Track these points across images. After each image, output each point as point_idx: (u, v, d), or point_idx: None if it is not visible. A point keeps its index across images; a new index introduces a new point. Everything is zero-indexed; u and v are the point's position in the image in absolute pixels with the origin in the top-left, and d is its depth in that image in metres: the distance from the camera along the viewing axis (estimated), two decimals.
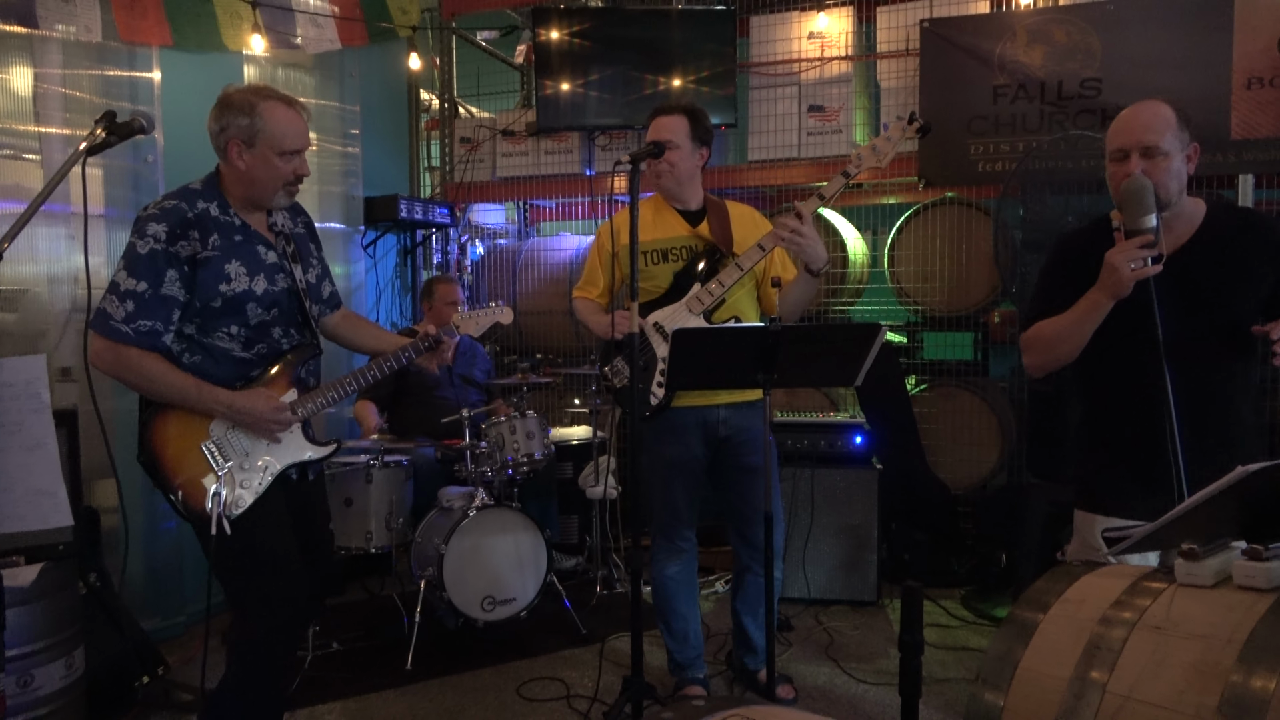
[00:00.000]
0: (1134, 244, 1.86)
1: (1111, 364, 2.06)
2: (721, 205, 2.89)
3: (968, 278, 4.46)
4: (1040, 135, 4.16)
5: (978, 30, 4.29)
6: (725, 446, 2.86)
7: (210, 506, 2.10)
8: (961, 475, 4.50)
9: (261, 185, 2.18)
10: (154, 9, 3.59)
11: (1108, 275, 1.90)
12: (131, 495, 3.58)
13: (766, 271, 2.84)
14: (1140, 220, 1.86)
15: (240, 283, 2.16)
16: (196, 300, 2.12)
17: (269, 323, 2.23)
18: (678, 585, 2.93)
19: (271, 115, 2.14)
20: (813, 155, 4.62)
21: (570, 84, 4.79)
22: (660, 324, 2.81)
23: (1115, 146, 2.00)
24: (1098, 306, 1.95)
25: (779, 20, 4.69)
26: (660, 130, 2.78)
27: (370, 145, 5.00)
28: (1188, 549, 1.23)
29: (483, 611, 3.41)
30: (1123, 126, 2.00)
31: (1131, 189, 1.88)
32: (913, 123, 2.60)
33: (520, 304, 5.22)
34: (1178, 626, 1.16)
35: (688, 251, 2.84)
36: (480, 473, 3.58)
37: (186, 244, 2.09)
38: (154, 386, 2.12)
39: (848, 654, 3.46)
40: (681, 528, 2.92)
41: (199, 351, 2.18)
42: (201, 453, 2.15)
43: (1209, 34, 3.94)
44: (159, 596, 3.66)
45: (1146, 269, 1.85)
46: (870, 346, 2.34)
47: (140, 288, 2.06)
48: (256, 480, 2.19)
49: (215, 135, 2.17)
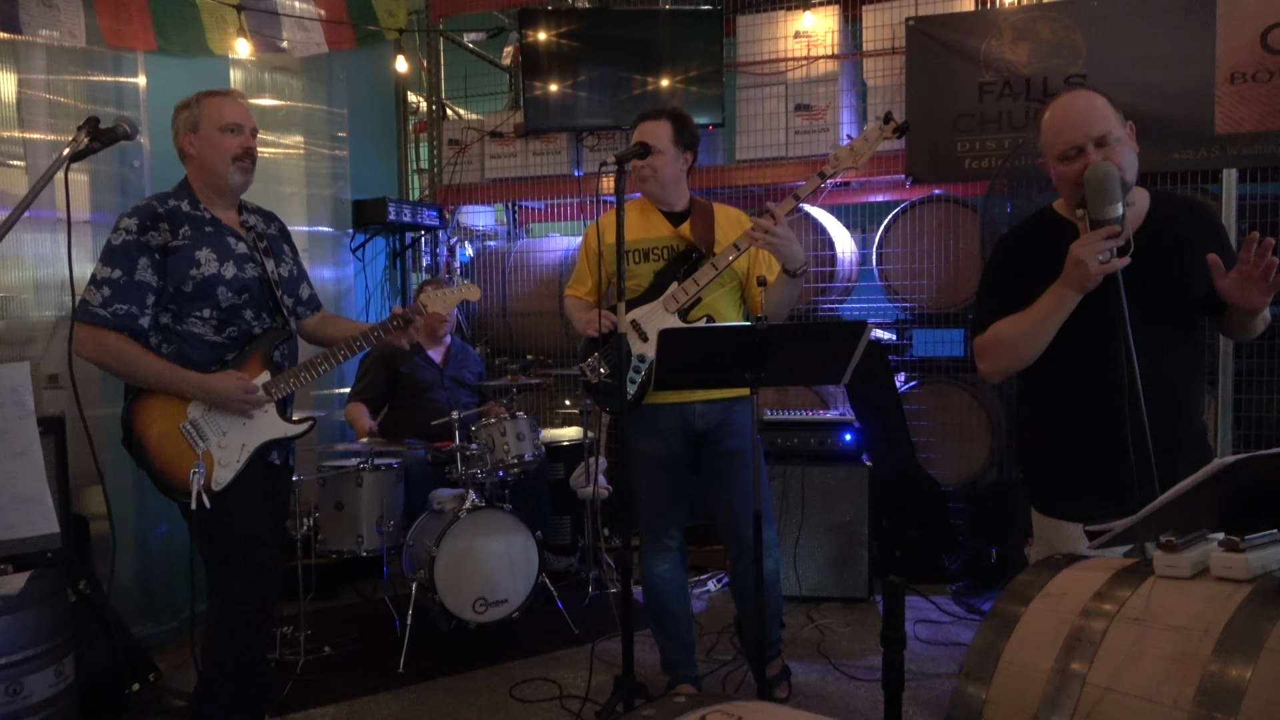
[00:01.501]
0: (1100, 235, 1.77)
1: (1063, 361, 1.96)
2: (707, 207, 2.91)
3: (956, 275, 4.47)
4: (1026, 132, 4.18)
5: (963, 28, 4.31)
6: (705, 439, 2.88)
7: (191, 482, 2.25)
8: (952, 472, 4.52)
9: (213, 163, 2.35)
10: (139, 14, 3.58)
11: (1074, 269, 1.80)
12: (122, 501, 3.58)
13: (750, 272, 2.85)
14: (1106, 209, 1.76)
15: (210, 267, 2.32)
16: (170, 285, 2.29)
17: (240, 306, 2.37)
18: (666, 583, 2.94)
19: (209, 99, 2.37)
20: (800, 154, 4.64)
21: (558, 85, 4.80)
22: (637, 321, 2.84)
23: (1066, 144, 1.89)
24: (1064, 301, 1.85)
25: (765, 20, 4.70)
26: (644, 135, 2.80)
27: (358, 148, 5.00)
28: (1166, 541, 1.24)
29: (475, 613, 3.41)
30: (1066, 124, 1.90)
31: (1097, 177, 1.77)
32: (889, 122, 2.59)
33: (510, 305, 5.23)
34: (1156, 618, 1.17)
35: (669, 251, 2.86)
36: (471, 474, 3.58)
37: (156, 234, 2.28)
38: (131, 370, 2.27)
39: (839, 651, 3.47)
40: (667, 525, 2.93)
41: (175, 340, 2.33)
42: (180, 433, 2.31)
43: (1193, 29, 3.96)
44: (151, 602, 3.65)
45: (1114, 261, 1.77)
46: (857, 344, 2.34)
47: (115, 275, 2.24)
48: (235, 458, 2.35)
49: (173, 141, 2.40)
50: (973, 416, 4.52)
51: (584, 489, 4.04)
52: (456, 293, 2.76)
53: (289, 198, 4.70)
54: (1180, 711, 1.05)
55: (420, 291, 4.31)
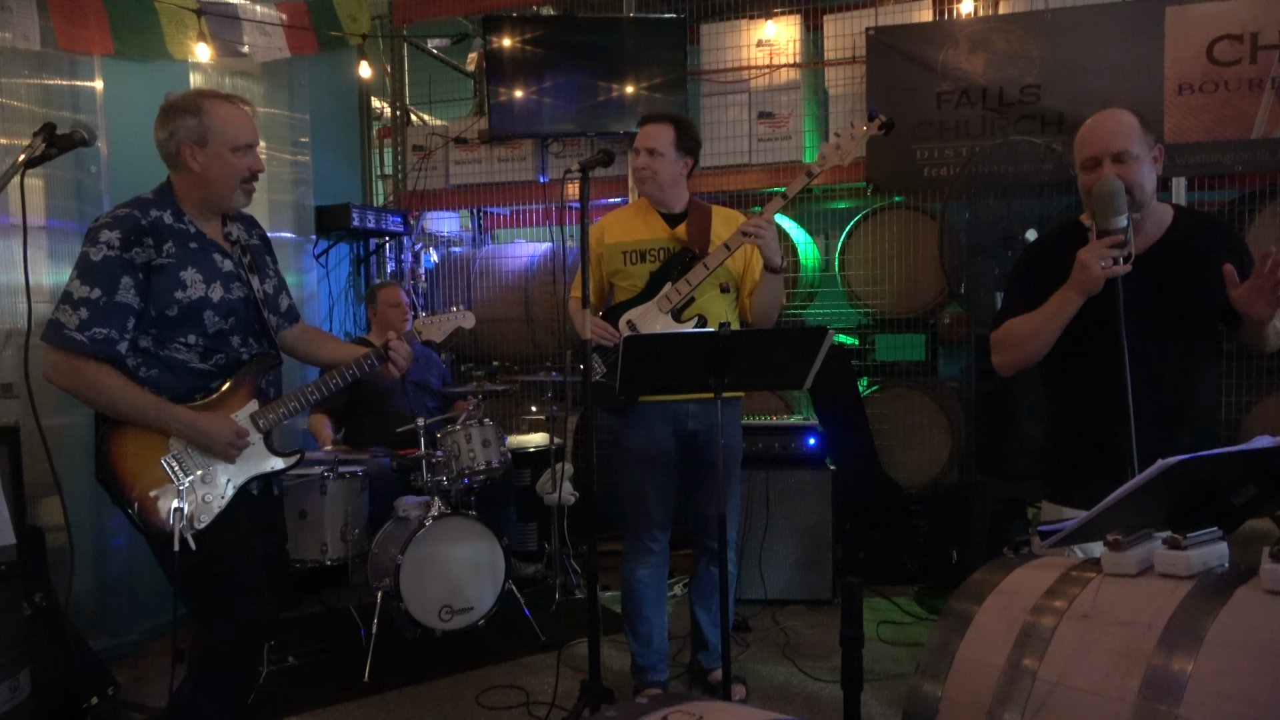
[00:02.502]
0: (1105, 243, 1.94)
1: (1077, 361, 2.12)
2: (705, 209, 2.97)
3: (917, 280, 4.55)
4: (983, 140, 4.27)
5: (921, 38, 4.39)
6: (694, 441, 2.92)
7: (171, 522, 2.07)
8: (914, 474, 4.59)
9: (218, 184, 2.17)
10: (95, 16, 3.53)
11: (1079, 272, 1.97)
12: (79, 512, 3.50)
13: (746, 273, 2.91)
14: (1111, 220, 1.93)
15: (196, 289, 2.13)
16: (152, 308, 2.09)
17: (227, 331, 2.20)
18: (645, 588, 2.96)
19: (218, 112, 2.13)
20: (764, 161, 4.69)
21: (523, 91, 4.80)
22: (633, 321, 2.90)
23: (1087, 155, 2.05)
24: (1068, 303, 2.01)
25: (728, 28, 4.76)
26: (647, 138, 2.87)
27: (321, 154, 4.96)
28: (1113, 540, 1.29)
29: (441, 621, 3.40)
30: (1090, 136, 2.06)
31: (1104, 190, 1.94)
32: (874, 119, 2.66)
33: (476, 311, 5.13)
34: (1103, 614, 1.21)
35: (665, 253, 2.92)
36: (437, 482, 3.57)
37: (141, 250, 2.07)
38: (111, 402, 2.07)
39: (804, 653, 3.51)
40: (652, 527, 2.95)
41: (155, 365, 2.14)
42: (162, 467, 2.12)
43: (1142, 42, 4.08)
44: (109, 615, 3.59)
45: (1116, 268, 1.93)
46: (818, 350, 2.38)
47: (94, 295, 2.02)
48: (219, 493, 2.17)
49: (164, 143, 2.15)
50: (933, 419, 4.60)
51: (550, 495, 4.04)
52: (451, 319, 2.66)
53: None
54: (1125, 704, 1.09)
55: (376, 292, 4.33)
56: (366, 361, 2.39)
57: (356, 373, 2.39)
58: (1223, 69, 4.00)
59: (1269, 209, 4.05)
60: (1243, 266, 2.08)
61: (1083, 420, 2.16)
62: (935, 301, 4.57)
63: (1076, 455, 2.17)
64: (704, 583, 3.03)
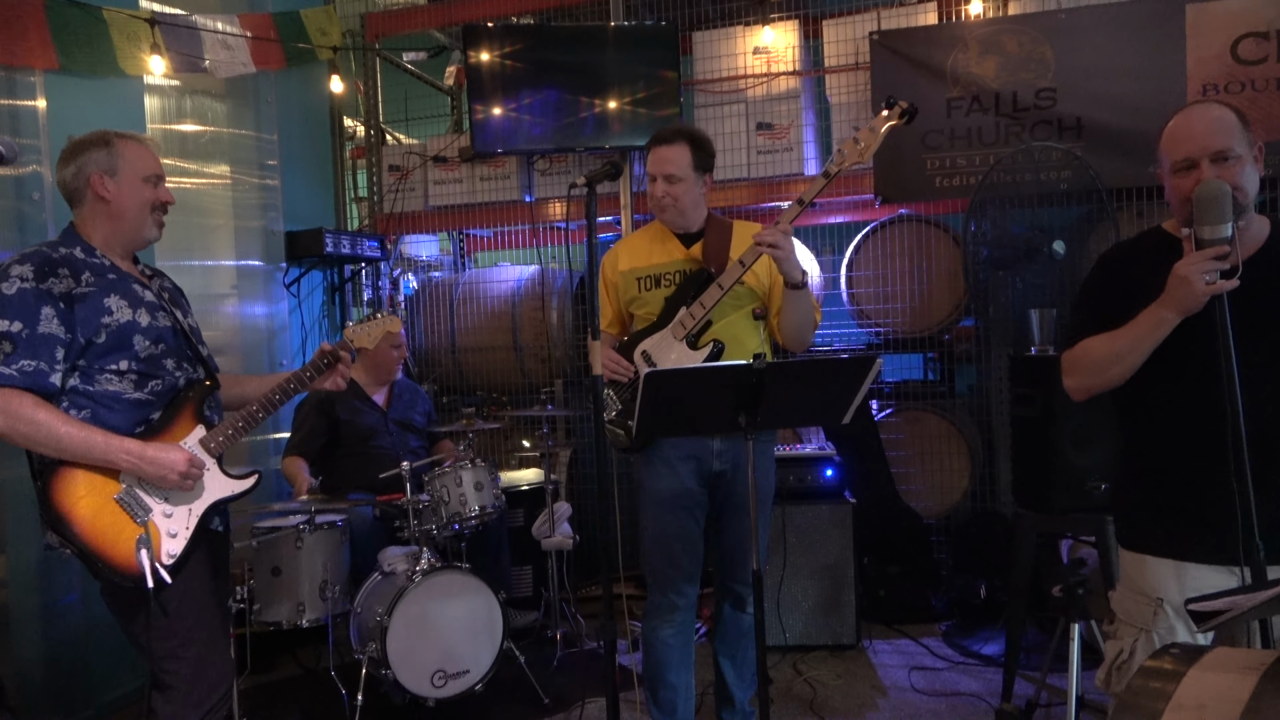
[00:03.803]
0: (1207, 255, 1.68)
1: (1163, 389, 1.87)
2: (725, 224, 2.69)
3: (929, 296, 4.30)
4: (997, 148, 4.04)
5: (928, 42, 4.16)
6: (721, 482, 2.63)
7: (140, 560, 1.94)
8: (933, 503, 4.32)
9: (131, 215, 2.12)
10: (36, 28, 3.20)
11: (1178, 288, 1.71)
12: (25, 572, 3.16)
13: (772, 290, 2.63)
14: (1215, 229, 1.68)
15: (123, 314, 2.05)
16: (80, 336, 1.99)
17: (159, 356, 2.11)
18: (670, 651, 2.64)
19: (126, 145, 2.13)
20: (762, 175, 4.43)
21: (505, 106, 4.51)
22: (648, 352, 2.62)
23: (1181, 157, 1.80)
24: (1162, 323, 1.76)
25: (723, 36, 4.50)
26: (663, 164, 2.59)
27: (291, 176, 4.64)
28: None
29: (434, 688, 3.06)
30: (1184, 134, 1.82)
31: (1207, 194, 1.69)
32: (893, 107, 2.38)
33: (460, 340, 4.90)
34: None
35: (680, 275, 2.64)
36: (425, 530, 3.24)
37: (58, 280, 1.98)
38: (53, 438, 1.94)
39: (833, 708, 3.21)
40: (678, 579, 2.63)
41: (87, 403, 2.02)
42: (116, 506, 2.01)
43: (1162, 42, 3.87)
44: (61, 690, 3.22)
45: (1222, 283, 1.67)
46: (864, 381, 2.11)
47: (15, 328, 1.92)
48: (183, 525, 2.08)
49: (70, 179, 2.10)
50: (950, 444, 4.34)
51: (548, 538, 3.72)
52: (379, 324, 2.51)
53: (214, 230, 4.32)
54: None
55: None
56: (308, 373, 2.31)
57: (297, 385, 2.30)
58: (1248, 68, 3.80)
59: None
60: None
61: (1168, 457, 1.89)
62: (950, 319, 4.33)
63: (1162, 497, 1.90)
64: (729, 629, 2.73)
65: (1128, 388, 1.92)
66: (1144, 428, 1.96)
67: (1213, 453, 1.72)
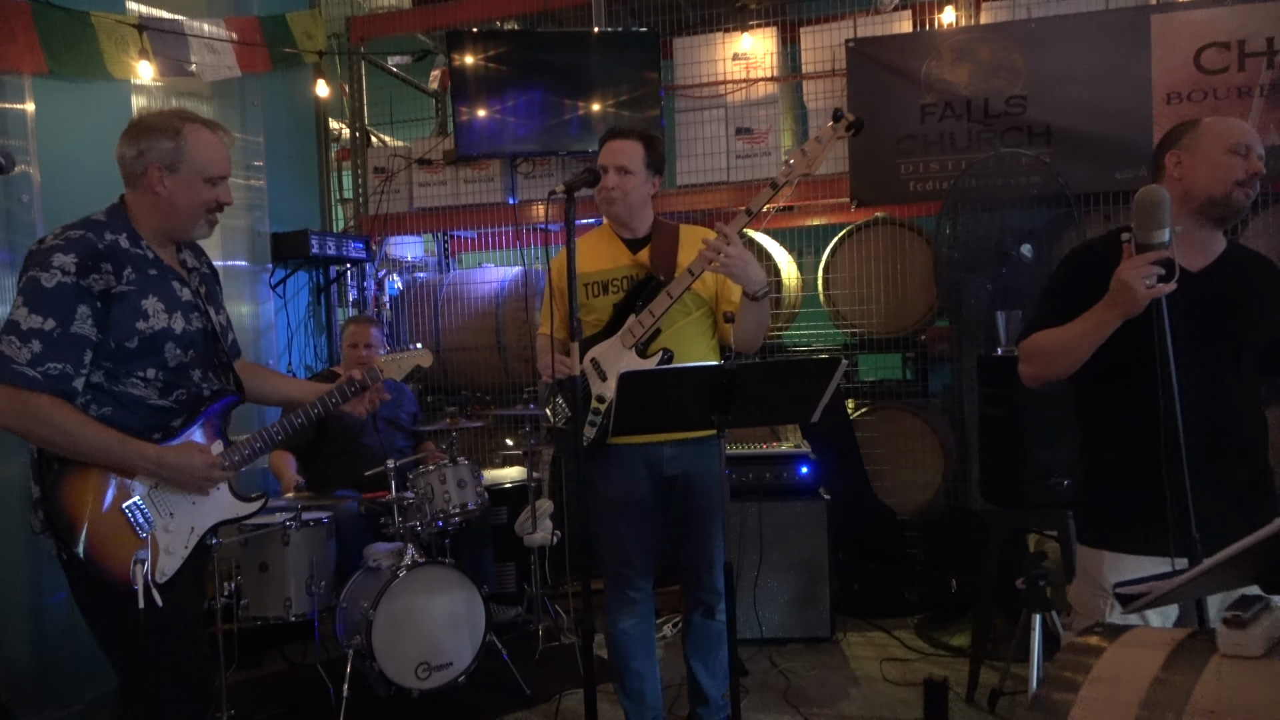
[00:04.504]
0: (1147, 259, 1.73)
1: (1119, 390, 1.96)
2: (672, 230, 2.73)
3: (904, 298, 4.40)
4: (969, 153, 4.14)
5: (903, 49, 4.26)
6: (674, 487, 2.69)
7: (134, 574, 1.90)
8: (906, 499, 4.42)
9: (183, 213, 2.03)
10: (24, 32, 3.25)
11: (1120, 292, 1.77)
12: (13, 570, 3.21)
13: (720, 296, 2.67)
14: (1154, 234, 1.74)
15: (159, 320, 1.97)
16: (110, 340, 1.92)
17: (187, 364, 2.05)
18: (632, 640, 2.73)
19: (197, 139, 2.01)
20: (742, 178, 4.52)
21: (489, 109, 4.58)
22: (596, 359, 2.65)
23: (1244, 142, 1.92)
24: (1104, 324, 1.84)
25: (703, 42, 4.59)
26: (616, 155, 2.61)
27: (277, 178, 4.70)
28: (1231, 615, 1.10)
29: (417, 680, 3.14)
30: (1239, 126, 1.96)
31: (1148, 201, 1.74)
32: (840, 120, 2.38)
33: (444, 340, 4.97)
34: (1234, 709, 1.02)
35: (628, 282, 2.67)
36: (409, 527, 3.31)
37: (99, 277, 1.89)
38: (69, 440, 1.88)
39: (807, 698, 3.30)
40: (633, 577, 2.72)
41: (108, 401, 1.96)
42: (123, 514, 1.95)
43: (1128, 51, 3.98)
44: (49, 686, 3.28)
45: (1160, 287, 1.73)
46: (829, 381, 2.20)
47: (48, 326, 1.84)
48: (182, 544, 2.03)
49: (130, 160, 1.99)
50: (924, 441, 4.44)
51: (530, 535, 3.79)
52: (411, 358, 2.51)
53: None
54: None
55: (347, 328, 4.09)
56: (332, 398, 2.27)
57: (321, 410, 2.27)
58: (1211, 77, 3.92)
59: (1261, 217, 3.96)
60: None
61: (1127, 456, 1.97)
62: (923, 320, 4.43)
63: (1119, 495, 1.98)
64: (698, 635, 2.80)
65: (1088, 388, 2.01)
66: (1101, 427, 2.05)
67: (1160, 450, 1.78)
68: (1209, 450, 1.80)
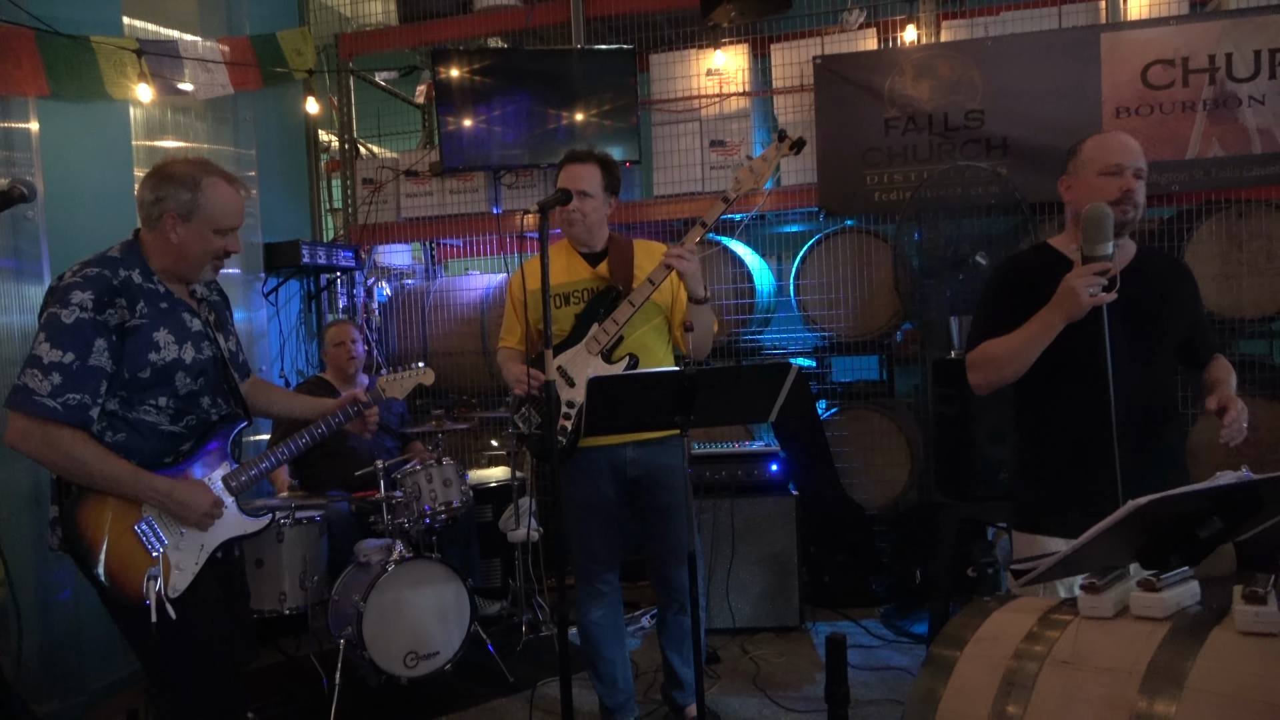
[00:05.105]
0: (1093, 269, 1.92)
1: (1053, 388, 2.13)
2: (626, 243, 2.91)
3: (871, 302, 4.60)
4: (931, 165, 4.35)
5: (868, 66, 4.46)
6: (637, 487, 2.88)
7: (146, 590, 2.02)
8: (874, 495, 4.62)
9: (191, 260, 2.16)
10: (29, 58, 3.42)
11: (1067, 298, 1.95)
12: (21, 568, 3.37)
13: (675, 303, 2.85)
14: (1099, 247, 1.93)
15: (170, 351, 2.11)
16: (125, 371, 2.05)
17: (197, 392, 2.19)
18: (602, 629, 2.92)
19: (214, 192, 2.13)
20: (716, 189, 4.71)
21: (473, 120, 4.76)
22: (563, 367, 2.82)
23: (1114, 161, 2.06)
24: (1050, 327, 2.00)
25: (678, 58, 4.79)
26: (576, 179, 2.78)
27: (268, 189, 4.87)
28: (1088, 583, 1.30)
29: (406, 668, 3.32)
30: (1120, 146, 2.09)
31: (1095, 216, 1.93)
32: (784, 140, 2.62)
33: (431, 345, 5.15)
34: (1085, 660, 1.22)
35: (588, 293, 2.85)
36: (398, 524, 3.50)
37: (115, 312, 2.03)
38: (86, 471, 2.02)
39: (774, 682, 3.50)
40: (601, 570, 2.92)
41: (123, 428, 2.10)
42: (135, 535, 2.09)
43: (1080, 67, 4.20)
44: (56, 677, 3.44)
45: (1102, 295, 1.92)
46: (782, 385, 2.39)
47: (67, 359, 1.97)
48: (192, 560, 2.15)
49: (148, 205, 2.13)
50: (892, 440, 4.64)
51: (514, 532, 3.98)
52: (413, 377, 2.70)
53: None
54: None
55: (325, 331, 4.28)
56: (337, 419, 2.43)
57: (326, 430, 2.42)
58: (1157, 92, 4.13)
59: (1204, 226, 4.18)
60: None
61: (1059, 447, 2.16)
62: (890, 323, 4.63)
63: (1051, 484, 2.17)
64: (673, 630, 2.99)
65: (1024, 387, 2.19)
66: (1037, 422, 2.23)
67: (1093, 439, 2.01)
68: (1131, 441, 2.00)
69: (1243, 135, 4.07)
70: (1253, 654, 1.12)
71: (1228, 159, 4.09)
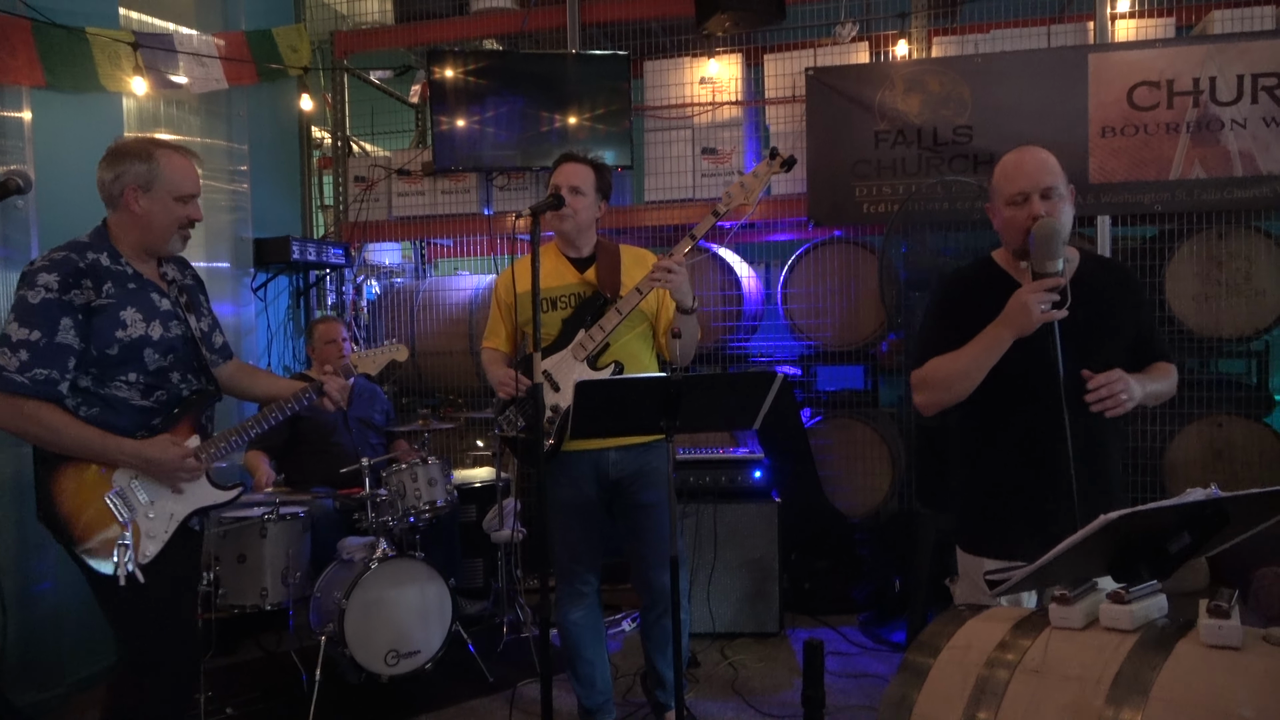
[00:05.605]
0: (1044, 285, 1.89)
1: (997, 405, 2.08)
2: (614, 249, 2.93)
3: (858, 312, 4.65)
4: (919, 178, 4.40)
5: (859, 79, 4.52)
6: (618, 488, 2.90)
7: (116, 558, 2.11)
8: (856, 504, 4.67)
9: (158, 230, 2.24)
10: (24, 48, 3.42)
11: (1018, 314, 1.91)
12: (2, 559, 3.37)
13: (661, 311, 2.87)
14: (1049, 263, 1.91)
15: (137, 328, 2.18)
16: (93, 349, 2.14)
17: (167, 368, 2.26)
18: (581, 630, 2.94)
19: (169, 162, 2.22)
20: (707, 196, 4.75)
21: (466, 121, 4.79)
22: (549, 371, 2.83)
23: (1015, 190, 2.01)
24: (999, 341, 1.96)
25: (672, 65, 4.83)
26: (570, 176, 2.81)
27: (260, 185, 4.88)
28: (1059, 594, 1.33)
29: (387, 666, 3.33)
30: (1018, 171, 2.03)
31: (1045, 233, 1.91)
32: (775, 158, 2.63)
33: (419, 344, 5.16)
34: (1053, 668, 1.25)
35: (576, 299, 2.87)
36: (382, 522, 3.51)
37: (80, 292, 2.11)
38: (56, 437, 2.12)
39: (752, 687, 3.53)
40: (582, 571, 2.94)
41: (96, 403, 2.18)
42: (106, 504, 2.17)
43: (1068, 87, 4.26)
44: (35, 668, 3.44)
45: (1053, 312, 1.90)
46: (766, 392, 2.42)
47: (34, 337, 2.07)
48: (162, 528, 2.23)
49: (108, 184, 2.22)
50: (875, 449, 4.69)
51: (498, 532, 4.00)
52: (385, 353, 2.72)
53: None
54: None
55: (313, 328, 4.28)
56: (304, 396, 2.49)
57: (295, 406, 2.49)
58: (1142, 113, 4.20)
59: (1186, 245, 4.25)
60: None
61: (1002, 466, 2.11)
62: (876, 334, 4.68)
63: (996, 504, 2.12)
64: (655, 633, 3.01)
65: (967, 404, 2.11)
66: (981, 440, 2.17)
67: (1037, 460, 2.00)
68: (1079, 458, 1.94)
69: (1225, 158, 4.14)
70: (1216, 666, 1.16)
71: (1210, 180, 4.16)
